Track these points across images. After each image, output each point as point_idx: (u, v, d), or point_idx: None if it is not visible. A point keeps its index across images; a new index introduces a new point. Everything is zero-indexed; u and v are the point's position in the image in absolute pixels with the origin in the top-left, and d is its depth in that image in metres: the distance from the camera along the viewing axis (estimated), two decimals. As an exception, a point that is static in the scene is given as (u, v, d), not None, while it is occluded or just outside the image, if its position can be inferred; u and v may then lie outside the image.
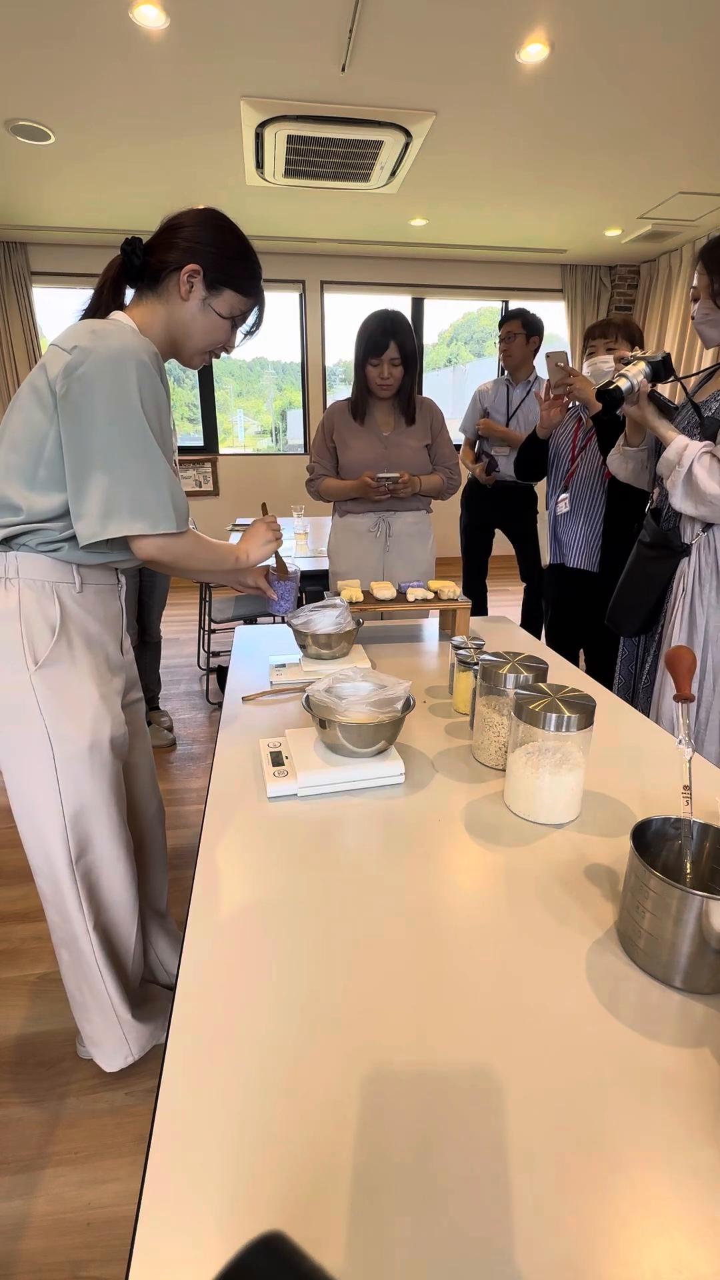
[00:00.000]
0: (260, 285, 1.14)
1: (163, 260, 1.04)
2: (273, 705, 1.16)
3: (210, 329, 1.10)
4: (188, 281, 1.04)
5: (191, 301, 1.06)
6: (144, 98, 2.86)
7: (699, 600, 1.53)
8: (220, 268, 1.06)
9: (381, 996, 0.56)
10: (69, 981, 1.20)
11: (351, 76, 2.68)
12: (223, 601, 3.18)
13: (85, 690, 1.06)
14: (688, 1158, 0.43)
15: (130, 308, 1.08)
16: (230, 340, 1.15)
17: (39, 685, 1.01)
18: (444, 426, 2.20)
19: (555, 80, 2.72)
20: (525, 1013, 0.54)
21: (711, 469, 1.39)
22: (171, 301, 1.06)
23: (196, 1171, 0.43)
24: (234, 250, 1.08)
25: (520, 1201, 0.41)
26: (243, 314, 1.13)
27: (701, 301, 1.47)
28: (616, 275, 5.69)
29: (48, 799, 1.05)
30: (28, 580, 1.01)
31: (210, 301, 1.07)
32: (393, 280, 5.55)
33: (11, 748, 1.04)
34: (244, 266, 1.09)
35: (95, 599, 1.09)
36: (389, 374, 2.00)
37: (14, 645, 1.00)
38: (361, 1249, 0.39)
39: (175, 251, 1.04)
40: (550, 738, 0.78)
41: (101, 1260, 1.04)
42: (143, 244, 1.07)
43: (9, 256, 4.93)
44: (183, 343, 1.11)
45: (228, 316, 1.10)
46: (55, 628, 1.02)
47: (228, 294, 1.08)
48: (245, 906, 0.67)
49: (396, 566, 2.26)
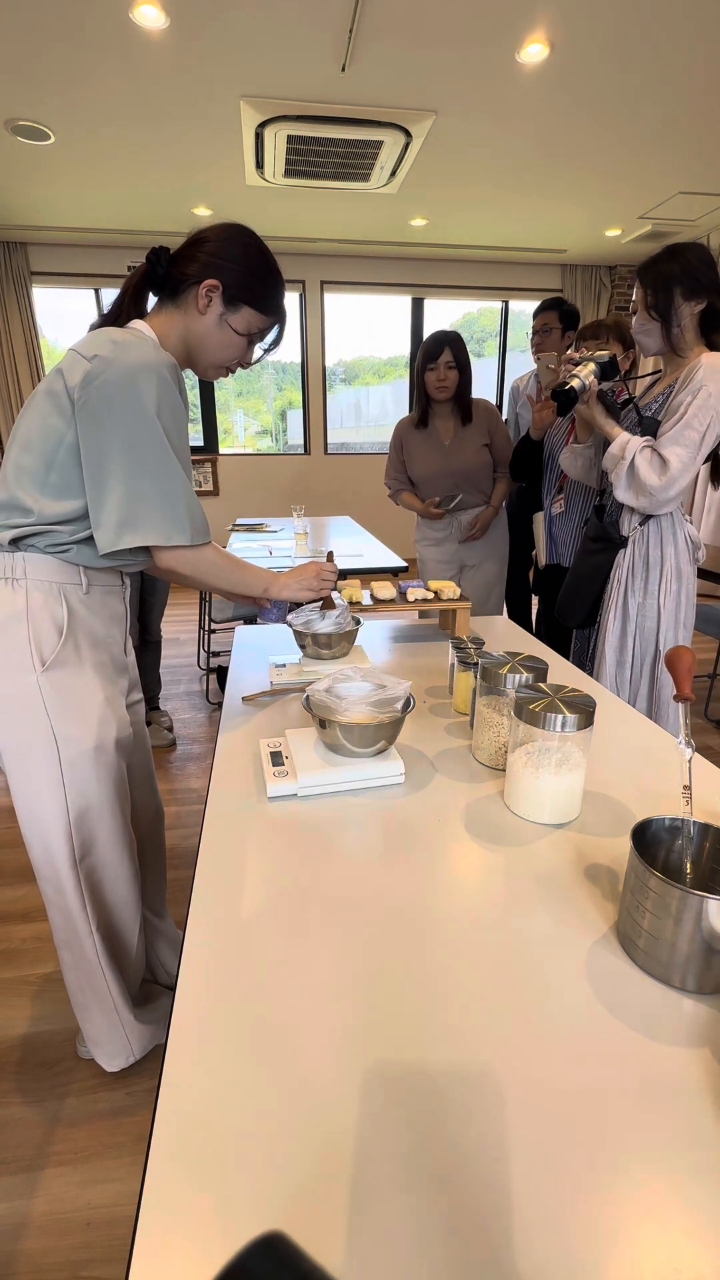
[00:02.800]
0: (281, 304, 1.12)
1: (184, 272, 1.04)
2: (273, 705, 1.16)
3: (225, 345, 1.09)
4: (206, 296, 1.04)
5: (209, 316, 1.06)
6: (144, 98, 2.86)
7: (631, 591, 1.65)
8: (240, 285, 1.05)
9: (381, 996, 0.56)
10: (70, 981, 1.20)
11: (351, 76, 2.68)
12: (223, 601, 3.18)
13: (91, 692, 1.06)
14: (688, 1158, 0.43)
15: (151, 316, 1.08)
16: (247, 356, 1.14)
17: (46, 687, 1.01)
18: (500, 423, 2.43)
19: (555, 80, 2.72)
20: (525, 1013, 0.54)
21: (651, 461, 1.52)
22: (189, 314, 1.06)
23: (196, 1171, 0.43)
24: (256, 268, 1.07)
25: (520, 1201, 0.41)
26: (261, 331, 1.11)
27: (639, 314, 1.60)
28: (616, 275, 5.70)
29: (53, 800, 1.05)
30: (35, 581, 1.01)
31: (227, 318, 1.06)
32: (393, 280, 5.55)
33: (17, 748, 1.04)
34: (265, 285, 1.08)
35: (101, 600, 1.09)
36: (445, 376, 2.28)
37: (21, 647, 1.00)
38: (361, 1249, 0.39)
39: (196, 265, 1.04)
40: (550, 738, 0.78)
41: (101, 1260, 1.04)
42: (169, 253, 1.07)
43: (9, 256, 4.93)
44: (198, 356, 1.11)
45: (244, 334, 1.09)
46: (62, 629, 1.03)
47: (246, 311, 1.07)
48: (245, 906, 0.67)
49: (470, 570, 2.60)
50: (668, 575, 1.61)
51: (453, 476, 2.42)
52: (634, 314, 1.61)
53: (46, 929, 1.73)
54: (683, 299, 1.52)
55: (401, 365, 6.11)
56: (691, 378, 1.50)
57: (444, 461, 2.41)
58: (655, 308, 1.54)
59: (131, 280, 1.08)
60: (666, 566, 1.61)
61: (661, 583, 1.62)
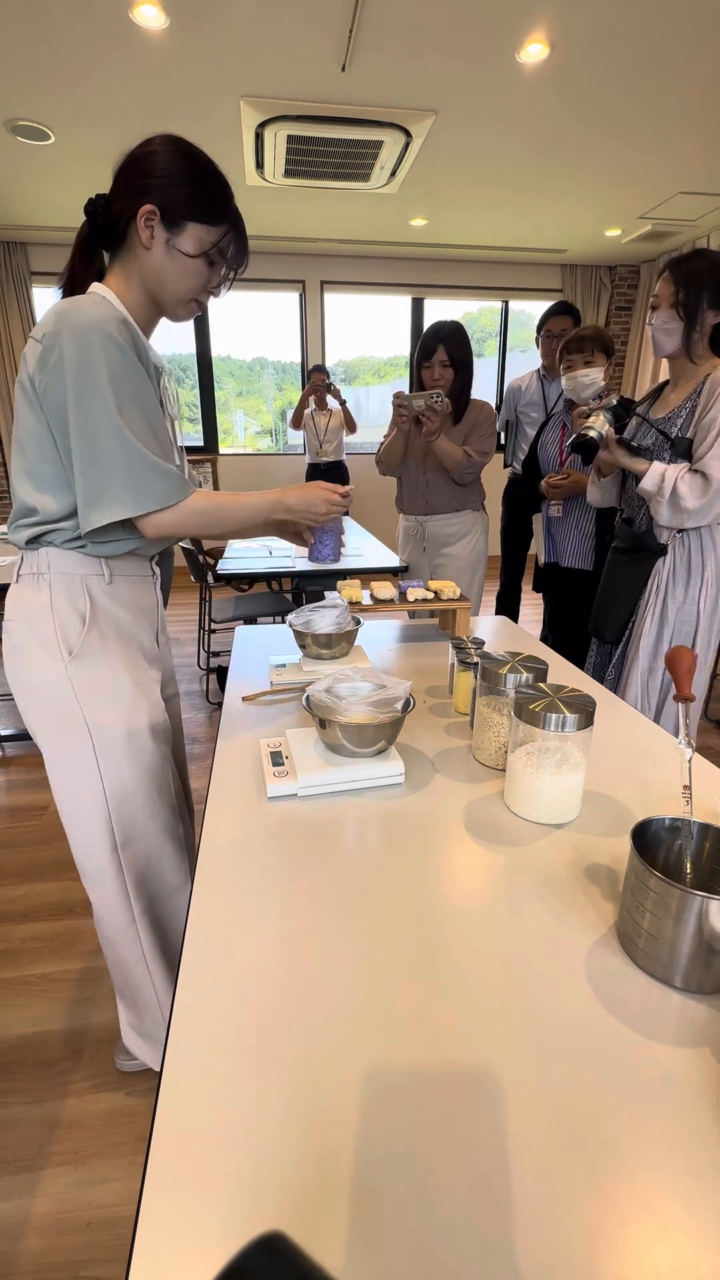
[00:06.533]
0: (229, 207, 0.99)
1: (119, 210, 0.95)
2: (273, 705, 1.16)
3: (182, 274, 0.99)
4: (146, 226, 0.94)
5: (155, 248, 0.96)
6: (144, 97, 2.86)
7: (671, 596, 1.66)
8: (176, 199, 0.93)
9: (381, 996, 0.56)
10: (117, 978, 1.21)
11: (351, 76, 2.68)
12: (223, 601, 3.18)
13: (119, 679, 1.05)
14: (688, 1158, 0.43)
15: (108, 276, 1.01)
16: (211, 279, 1.03)
17: (75, 675, 1.02)
18: (486, 421, 2.29)
19: (555, 80, 2.72)
20: (525, 1013, 0.54)
21: (693, 484, 1.53)
22: (139, 254, 0.97)
23: (196, 1171, 0.43)
24: (186, 173, 0.94)
25: (520, 1201, 0.41)
26: (216, 247, 0.99)
27: (662, 310, 1.57)
28: (616, 275, 5.70)
29: (90, 787, 1.05)
30: (58, 574, 1.01)
31: (174, 242, 0.96)
32: (393, 280, 5.55)
33: (53, 739, 1.04)
34: (201, 190, 0.95)
35: (126, 590, 1.07)
36: (439, 375, 2.19)
37: (49, 638, 1.01)
38: (361, 1249, 0.39)
39: (128, 196, 0.94)
40: (550, 738, 0.78)
41: (101, 1260, 1.04)
42: (104, 199, 0.97)
43: (9, 256, 4.94)
44: (160, 296, 1.01)
45: (197, 254, 0.97)
46: (85, 618, 1.02)
47: (191, 228, 0.95)
48: (245, 906, 0.67)
49: (441, 565, 2.41)
50: (708, 581, 1.63)
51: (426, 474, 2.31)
52: (654, 309, 1.59)
53: (47, 929, 1.73)
54: (709, 305, 1.52)
55: (401, 365, 6.11)
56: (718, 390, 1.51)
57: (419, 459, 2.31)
58: (685, 306, 1.53)
59: (77, 241, 0.99)
60: (707, 572, 1.63)
61: (703, 588, 1.63)
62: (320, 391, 4.77)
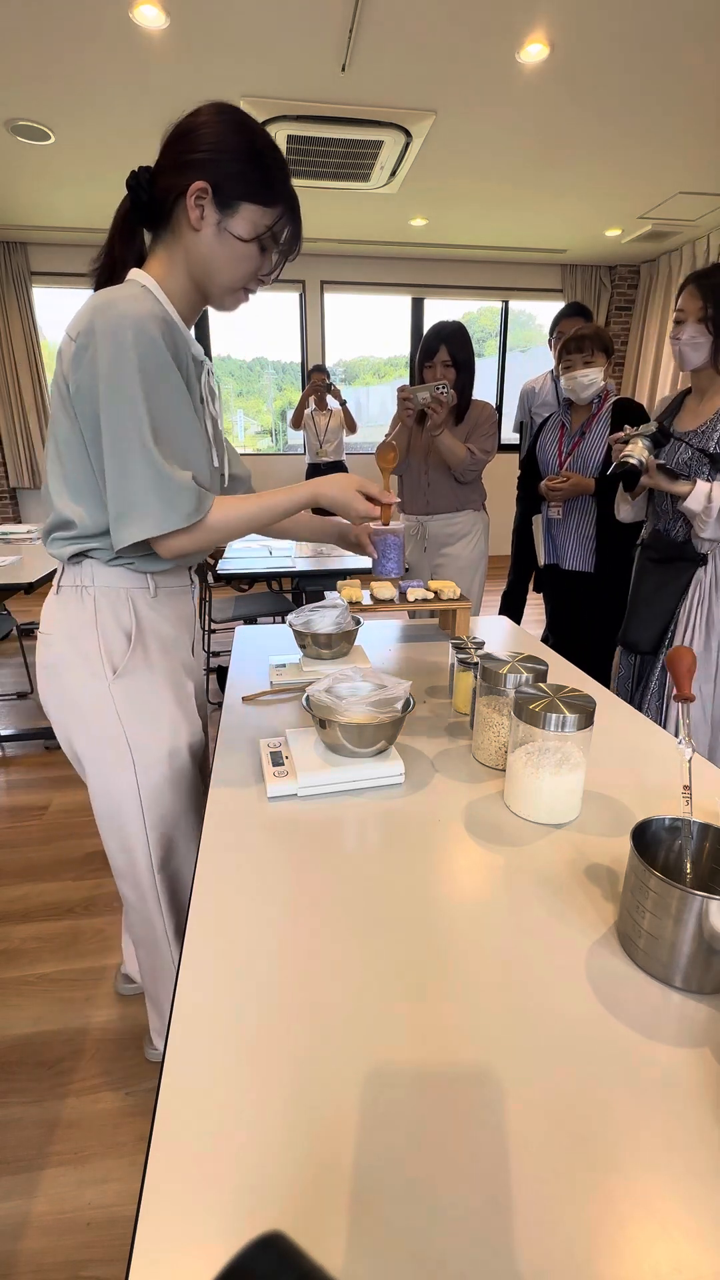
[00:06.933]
0: (286, 187, 0.90)
1: (167, 186, 0.86)
2: (273, 705, 1.16)
3: (233, 259, 0.90)
4: (196, 205, 0.85)
5: (205, 230, 0.87)
6: (144, 98, 2.86)
7: (716, 603, 1.65)
8: (231, 176, 0.84)
9: (381, 996, 0.56)
10: (147, 983, 1.21)
11: (351, 76, 2.68)
12: (223, 601, 3.18)
13: (162, 697, 1.03)
14: (688, 1158, 0.43)
15: (149, 259, 0.93)
16: (263, 266, 0.94)
17: (118, 694, 0.99)
18: (487, 421, 2.30)
19: (555, 80, 2.72)
20: (525, 1013, 0.54)
21: None
22: (186, 236, 0.88)
23: (196, 1171, 0.43)
24: (242, 148, 0.85)
25: (520, 1201, 0.41)
26: (269, 231, 0.90)
27: (689, 324, 1.58)
28: (616, 275, 5.70)
29: (131, 806, 1.03)
30: (103, 588, 0.97)
31: (226, 224, 0.87)
32: (393, 280, 5.55)
33: (95, 754, 1.02)
34: (260, 168, 0.86)
35: (169, 601, 1.04)
36: (441, 375, 2.19)
37: (92, 655, 0.98)
38: (361, 1249, 0.39)
39: (179, 171, 0.85)
40: (550, 738, 0.78)
41: (101, 1260, 1.04)
42: (149, 172, 0.88)
43: (9, 256, 4.94)
44: (208, 284, 0.93)
45: (250, 238, 0.88)
46: (130, 635, 0.99)
47: (245, 209, 0.87)
48: (245, 907, 0.67)
49: (441, 565, 2.41)
50: None
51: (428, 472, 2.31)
52: (679, 323, 1.61)
53: (47, 929, 1.73)
54: None
55: (401, 365, 6.11)
56: None
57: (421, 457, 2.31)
58: (714, 320, 1.54)
59: (117, 219, 0.90)
60: None
61: None
62: (320, 391, 4.77)
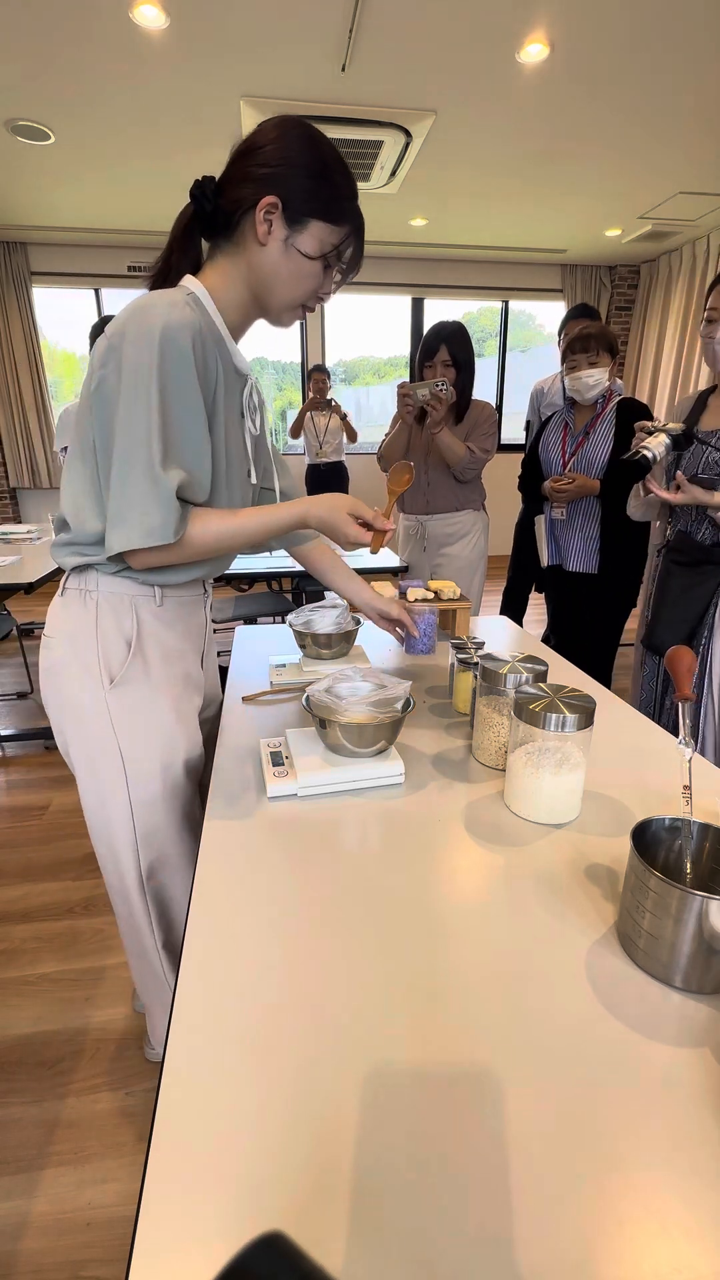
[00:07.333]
0: (354, 207, 0.90)
1: (235, 199, 0.85)
2: (273, 705, 1.16)
3: (296, 276, 0.89)
4: (264, 220, 0.84)
5: (271, 245, 0.86)
6: (144, 97, 2.86)
7: None
8: (303, 193, 0.84)
9: (381, 996, 0.56)
10: (142, 989, 1.21)
11: (351, 76, 2.68)
12: (223, 601, 3.18)
13: (159, 710, 0.99)
14: (688, 1158, 0.43)
15: (206, 268, 0.92)
16: (324, 285, 0.93)
17: (113, 703, 0.96)
18: (487, 421, 2.30)
19: (555, 80, 2.72)
20: (525, 1013, 0.54)
21: None
22: (249, 249, 0.88)
23: (196, 1171, 0.43)
24: (314, 165, 0.85)
25: (520, 1201, 0.41)
26: (335, 250, 0.90)
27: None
28: (616, 275, 5.70)
29: (121, 817, 1.01)
30: (106, 594, 0.95)
31: (294, 241, 0.86)
32: (393, 280, 5.55)
33: (87, 762, 1.00)
34: (332, 186, 0.86)
35: (176, 611, 1.01)
36: (441, 375, 2.18)
37: (90, 661, 0.95)
38: (361, 1249, 0.39)
39: (248, 184, 0.84)
40: (550, 738, 0.78)
41: (101, 1260, 1.04)
42: (215, 183, 0.87)
43: (9, 256, 4.94)
44: (267, 298, 0.92)
45: (317, 256, 0.88)
46: (131, 643, 0.96)
47: (314, 226, 0.86)
48: (245, 906, 0.67)
49: (441, 564, 2.42)
50: None
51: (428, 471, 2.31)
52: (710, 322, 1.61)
53: (47, 929, 1.73)
54: None
55: (401, 365, 6.11)
56: None
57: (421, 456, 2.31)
58: None
59: (178, 226, 0.90)
60: None
61: None
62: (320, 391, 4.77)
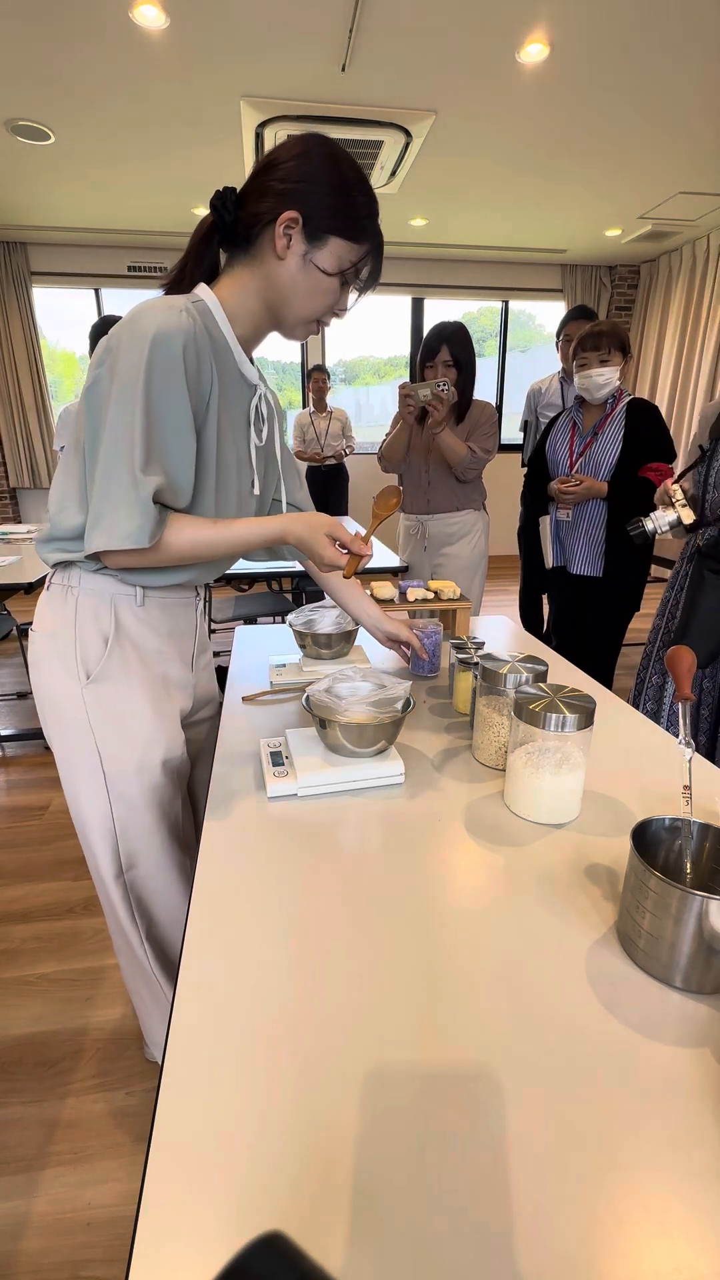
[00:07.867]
0: (374, 225, 0.90)
1: (255, 212, 0.86)
2: (273, 705, 1.16)
3: (314, 292, 0.90)
4: (284, 234, 0.85)
5: (289, 260, 0.87)
6: (144, 97, 2.86)
7: None
8: (324, 210, 0.85)
9: (381, 996, 0.56)
10: (130, 985, 1.20)
11: (351, 76, 2.68)
12: (223, 601, 3.18)
13: (137, 708, 0.99)
14: (688, 1158, 0.43)
15: (221, 277, 0.92)
16: (341, 302, 0.93)
17: (90, 700, 0.96)
18: (487, 421, 2.29)
19: (555, 80, 2.72)
20: (525, 1013, 0.54)
21: None
22: (267, 263, 0.88)
23: (196, 1171, 0.43)
24: (336, 182, 0.85)
25: (520, 1201, 0.41)
26: (354, 267, 0.90)
27: None
28: (616, 275, 5.69)
29: (98, 811, 1.02)
30: (87, 590, 0.95)
31: (312, 257, 0.87)
32: (393, 280, 5.55)
33: (66, 756, 1.01)
34: (352, 204, 0.86)
35: (160, 612, 1.00)
36: (442, 375, 2.18)
37: (68, 656, 0.95)
38: (361, 1249, 0.39)
39: (269, 198, 0.84)
40: (550, 738, 0.78)
41: (101, 1260, 1.04)
42: (235, 194, 0.88)
43: (9, 256, 4.93)
44: (282, 313, 0.92)
45: (335, 273, 0.88)
46: (108, 640, 0.96)
47: (333, 243, 0.87)
48: (245, 906, 0.67)
49: (441, 564, 2.42)
50: None
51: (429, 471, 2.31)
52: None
53: (47, 929, 1.73)
54: None
55: (402, 365, 6.11)
56: None
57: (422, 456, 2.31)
58: None
59: (196, 236, 0.90)
60: None
61: None
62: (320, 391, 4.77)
